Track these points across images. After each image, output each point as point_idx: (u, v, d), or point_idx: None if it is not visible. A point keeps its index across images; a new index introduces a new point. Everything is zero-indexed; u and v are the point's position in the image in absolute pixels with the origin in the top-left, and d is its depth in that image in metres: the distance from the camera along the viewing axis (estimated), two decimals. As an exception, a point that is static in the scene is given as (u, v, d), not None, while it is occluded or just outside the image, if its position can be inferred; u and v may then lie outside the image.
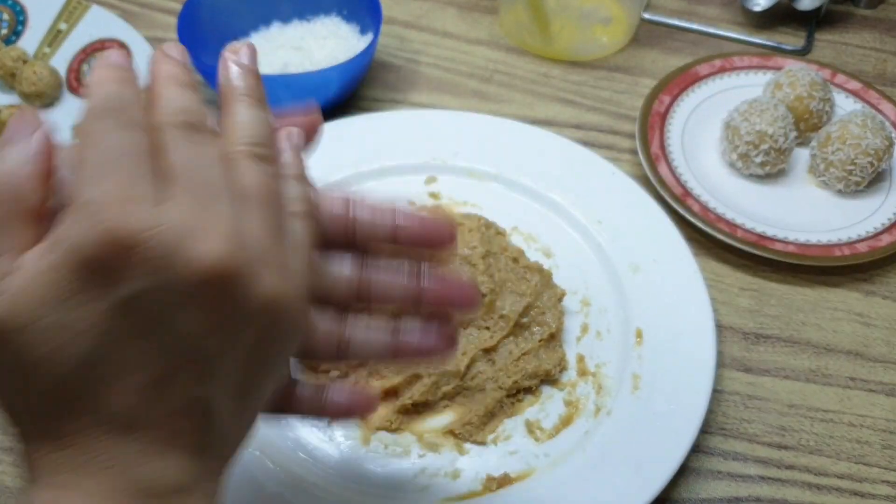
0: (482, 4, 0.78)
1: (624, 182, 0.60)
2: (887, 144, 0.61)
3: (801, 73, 0.64)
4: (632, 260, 0.56)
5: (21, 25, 0.69)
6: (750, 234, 0.58)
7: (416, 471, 0.47)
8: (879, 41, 0.76)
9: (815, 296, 0.58)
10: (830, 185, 0.63)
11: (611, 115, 0.69)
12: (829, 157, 0.61)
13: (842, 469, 0.50)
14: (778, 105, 0.61)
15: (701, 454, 0.50)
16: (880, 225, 0.60)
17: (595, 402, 0.51)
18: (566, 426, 0.50)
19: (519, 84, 0.71)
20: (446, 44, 0.74)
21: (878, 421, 0.52)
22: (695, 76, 0.69)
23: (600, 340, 0.54)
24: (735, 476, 0.49)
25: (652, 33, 0.76)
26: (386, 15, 0.76)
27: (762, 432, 0.51)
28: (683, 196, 0.60)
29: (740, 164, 0.62)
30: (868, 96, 0.68)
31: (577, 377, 0.52)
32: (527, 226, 0.59)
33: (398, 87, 0.70)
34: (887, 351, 0.55)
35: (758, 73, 0.70)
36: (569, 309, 0.55)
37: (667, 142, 0.64)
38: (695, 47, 0.75)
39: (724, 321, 0.56)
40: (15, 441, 0.28)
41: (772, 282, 0.58)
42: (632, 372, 0.51)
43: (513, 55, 0.73)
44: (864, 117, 0.61)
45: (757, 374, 0.54)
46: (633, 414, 0.49)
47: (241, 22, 0.69)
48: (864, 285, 0.59)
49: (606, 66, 0.73)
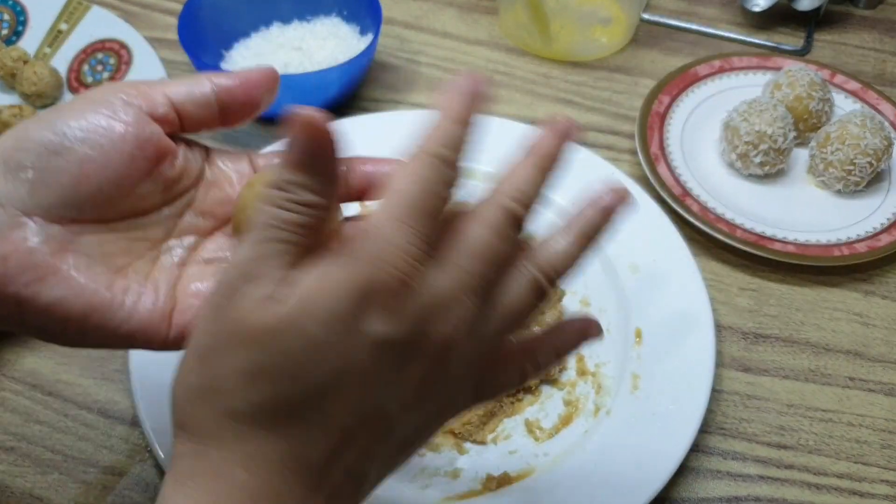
0: (482, 5, 0.78)
1: (623, 182, 0.60)
2: (886, 144, 0.61)
3: (800, 74, 0.64)
4: (631, 260, 0.56)
5: (22, 26, 0.69)
6: (749, 234, 0.59)
7: (416, 470, 0.47)
8: (878, 41, 0.76)
9: (815, 296, 0.58)
10: (829, 185, 0.63)
11: (610, 116, 0.69)
12: (829, 158, 0.61)
13: (841, 469, 0.50)
14: (777, 105, 0.61)
15: (700, 454, 0.50)
16: (879, 225, 0.60)
17: (594, 402, 0.51)
18: (566, 426, 0.50)
19: (519, 84, 0.71)
20: (446, 44, 0.74)
21: (877, 420, 0.52)
22: (694, 76, 0.69)
23: (600, 340, 0.54)
24: (734, 475, 0.49)
25: (651, 34, 0.76)
26: (386, 15, 0.76)
27: (761, 432, 0.51)
28: (683, 196, 0.60)
29: (739, 165, 0.63)
30: (867, 96, 0.68)
31: (577, 377, 0.52)
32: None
33: (398, 87, 0.71)
34: (886, 351, 0.55)
35: (757, 73, 0.70)
36: (568, 309, 0.55)
37: (666, 142, 0.64)
38: (694, 48, 0.75)
39: (723, 321, 0.56)
40: (175, 434, 0.29)
41: (771, 282, 0.59)
42: (631, 371, 0.51)
43: (512, 56, 0.73)
44: (863, 117, 0.61)
45: (756, 373, 0.54)
46: (632, 413, 0.49)
47: (241, 22, 0.69)
48: (863, 285, 0.59)
49: (606, 67, 0.73)
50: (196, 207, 0.36)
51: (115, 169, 0.32)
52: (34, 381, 0.52)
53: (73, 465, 0.49)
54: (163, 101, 0.34)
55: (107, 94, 0.33)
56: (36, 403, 0.51)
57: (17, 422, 0.50)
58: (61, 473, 0.48)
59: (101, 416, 0.51)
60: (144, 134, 0.33)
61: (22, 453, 0.49)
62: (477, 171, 0.62)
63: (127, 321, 0.32)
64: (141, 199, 0.34)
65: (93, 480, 0.48)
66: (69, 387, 0.52)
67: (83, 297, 0.32)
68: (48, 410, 0.51)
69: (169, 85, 0.34)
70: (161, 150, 0.34)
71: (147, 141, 0.33)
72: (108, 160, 0.32)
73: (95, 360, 0.53)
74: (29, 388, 0.52)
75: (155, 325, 0.33)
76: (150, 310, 0.33)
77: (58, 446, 0.49)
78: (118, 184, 0.33)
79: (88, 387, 0.52)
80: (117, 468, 0.49)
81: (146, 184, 0.34)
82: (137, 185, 0.33)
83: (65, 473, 0.48)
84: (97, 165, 0.32)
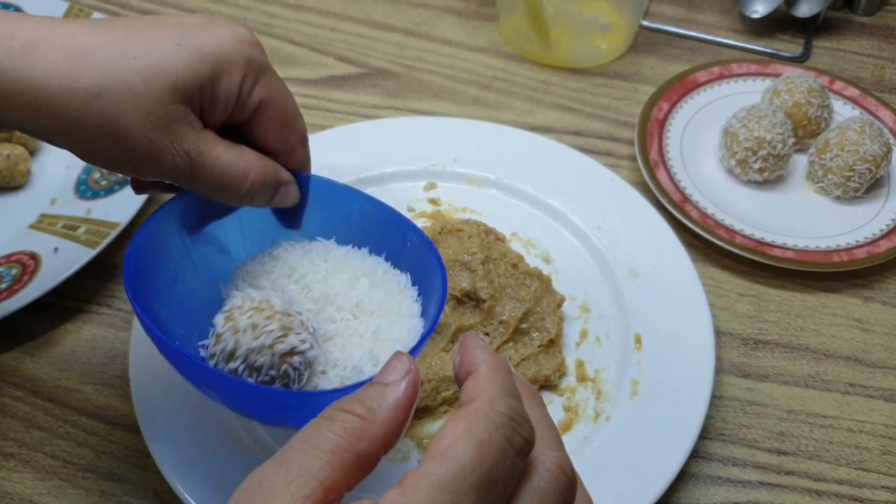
0: (482, 12, 0.78)
1: (623, 188, 0.60)
2: (885, 151, 0.61)
3: (799, 80, 0.65)
4: (631, 266, 0.56)
5: (23, 33, 0.69)
6: (748, 240, 0.59)
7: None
8: (877, 48, 0.76)
9: (814, 301, 0.58)
10: (829, 192, 0.63)
11: (610, 122, 0.69)
12: (828, 164, 0.61)
13: (841, 475, 0.50)
14: (776, 111, 0.62)
15: (700, 460, 0.50)
16: (878, 231, 0.60)
17: (594, 408, 0.51)
18: (565, 432, 0.50)
19: (518, 91, 0.71)
20: (446, 51, 0.75)
21: (876, 426, 0.52)
22: (693, 83, 0.69)
23: (599, 346, 0.54)
24: (734, 481, 0.49)
25: (651, 40, 0.76)
26: (385, 22, 0.77)
27: (761, 438, 0.51)
28: (682, 202, 0.60)
29: (739, 171, 0.63)
30: (866, 103, 0.68)
31: (577, 383, 0.52)
32: (526, 232, 0.59)
33: (398, 93, 0.71)
34: (886, 356, 0.55)
35: (756, 79, 0.70)
36: (568, 314, 0.55)
37: (665, 148, 0.64)
38: (693, 54, 0.75)
39: (722, 327, 0.56)
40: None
41: (770, 287, 0.59)
42: (631, 377, 0.51)
43: (512, 62, 0.74)
44: (862, 124, 0.61)
45: (756, 379, 0.54)
46: (632, 419, 0.49)
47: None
48: (862, 291, 0.59)
49: (605, 73, 0.73)
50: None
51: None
52: (34, 387, 0.52)
53: (73, 470, 0.49)
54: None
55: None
56: (36, 409, 0.51)
57: (17, 427, 0.50)
58: (61, 479, 0.48)
59: (101, 422, 0.51)
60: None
61: (22, 459, 0.49)
62: (477, 178, 0.62)
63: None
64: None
65: (92, 486, 0.48)
66: (69, 393, 0.52)
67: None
68: (48, 416, 0.51)
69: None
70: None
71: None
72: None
73: (95, 366, 0.53)
74: (29, 394, 0.52)
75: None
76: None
77: (57, 452, 0.49)
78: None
79: (88, 393, 0.52)
80: (117, 474, 0.49)
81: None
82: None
83: (64, 479, 0.48)
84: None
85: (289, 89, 0.42)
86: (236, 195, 0.41)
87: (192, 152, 0.39)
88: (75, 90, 0.36)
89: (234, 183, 0.40)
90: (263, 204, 0.43)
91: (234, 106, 0.40)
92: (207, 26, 0.38)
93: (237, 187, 0.41)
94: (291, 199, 0.44)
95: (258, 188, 0.41)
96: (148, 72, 0.37)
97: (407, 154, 0.63)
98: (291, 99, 0.42)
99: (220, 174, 0.40)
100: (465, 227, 0.55)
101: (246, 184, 0.41)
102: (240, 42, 0.39)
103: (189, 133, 0.38)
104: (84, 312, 0.56)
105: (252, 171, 0.41)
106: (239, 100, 0.40)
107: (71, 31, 0.37)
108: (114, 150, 0.38)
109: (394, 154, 0.63)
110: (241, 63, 0.39)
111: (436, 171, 0.62)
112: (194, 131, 0.39)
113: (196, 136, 0.39)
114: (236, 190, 0.41)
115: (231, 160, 0.40)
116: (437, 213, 0.60)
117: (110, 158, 0.38)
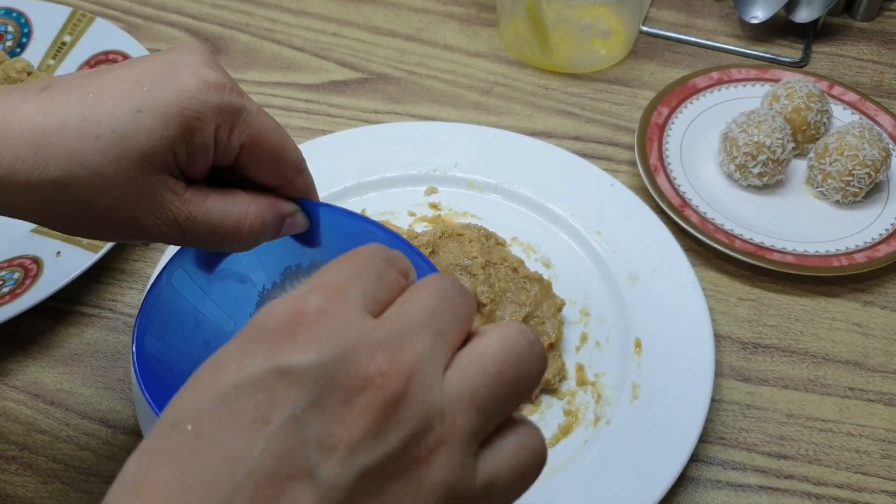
0: (482, 17, 0.78)
1: (623, 193, 0.61)
2: (884, 155, 0.61)
3: (798, 85, 0.65)
4: (631, 270, 0.56)
5: (26, 38, 0.70)
6: (748, 245, 0.59)
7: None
8: (877, 53, 0.77)
9: (814, 306, 0.58)
10: (828, 196, 0.63)
11: (610, 127, 0.69)
12: (827, 168, 0.61)
13: (841, 479, 0.50)
14: (776, 116, 0.62)
15: (700, 463, 0.50)
16: (878, 235, 0.61)
17: (594, 412, 0.51)
18: (565, 435, 0.50)
19: (518, 96, 0.72)
20: (446, 56, 0.75)
21: (876, 430, 0.52)
22: (693, 88, 0.69)
23: (599, 350, 0.54)
24: (734, 485, 0.49)
25: (650, 46, 0.76)
26: (386, 28, 0.77)
27: (761, 442, 0.51)
28: (682, 207, 0.61)
29: (738, 175, 0.63)
30: (865, 108, 0.68)
31: (577, 386, 0.52)
32: (526, 236, 0.60)
33: (399, 99, 0.71)
34: (886, 361, 0.56)
35: (755, 84, 0.70)
36: (568, 319, 0.55)
37: (665, 153, 0.65)
38: (693, 59, 0.75)
39: (722, 331, 0.56)
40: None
41: (770, 292, 0.59)
42: (631, 381, 0.51)
43: (512, 67, 0.74)
44: (861, 128, 0.61)
45: (756, 383, 0.54)
46: (632, 423, 0.49)
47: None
48: (862, 295, 0.59)
49: (605, 79, 0.73)
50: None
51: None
52: (36, 390, 0.52)
53: (75, 474, 0.49)
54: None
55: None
56: (38, 413, 0.51)
57: (19, 431, 0.51)
58: (63, 483, 0.48)
59: (103, 426, 0.51)
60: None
61: (24, 463, 0.49)
62: (478, 182, 0.62)
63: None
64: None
65: (95, 490, 0.48)
66: (71, 396, 0.52)
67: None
68: (50, 420, 0.51)
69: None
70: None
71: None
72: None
73: (97, 369, 0.53)
74: (31, 398, 0.52)
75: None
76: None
77: (59, 456, 0.50)
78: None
79: (90, 396, 0.52)
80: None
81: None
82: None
83: (67, 483, 0.48)
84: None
85: (272, 119, 0.39)
86: (239, 243, 0.39)
87: (179, 218, 0.37)
88: (44, 181, 0.34)
89: (232, 234, 0.39)
90: (272, 239, 0.41)
91: (215, 155, 0.37)
92: (169, 78, 0.35)
93: (236, 237, 0.39)
94: (298, 227, 0.42)
95: (259, 232, 0.39)
96: (113, 151, 0.34)
97: (408, 159, 0.63)
98: (277, 131, 0.39)
99: (215, 229, 0.38)
100: (466, 232, 0.55)
101: (244, 232, 0.39)
102: (207, 90, 0.35)
103: (171, 200, 0.36)
104: (86, 316, 0.56)
105: (248, 217, 0.39)
106: (217, 150, 0.37)
107: (28, 115, 0.35)
108: (100, 230, 0.37)
109: (395, 159, 0.63)
110: (211, 114, 0.36)
111: (436, 176, 0.62)
112: (176, 196, 0.37)
113: (179, 201, 0.37)
114: (236, 239, 0.39)
115: (224, 212, 0.38)
116: (438, 218, 0.61)
117: (99, 236, 0.38)
